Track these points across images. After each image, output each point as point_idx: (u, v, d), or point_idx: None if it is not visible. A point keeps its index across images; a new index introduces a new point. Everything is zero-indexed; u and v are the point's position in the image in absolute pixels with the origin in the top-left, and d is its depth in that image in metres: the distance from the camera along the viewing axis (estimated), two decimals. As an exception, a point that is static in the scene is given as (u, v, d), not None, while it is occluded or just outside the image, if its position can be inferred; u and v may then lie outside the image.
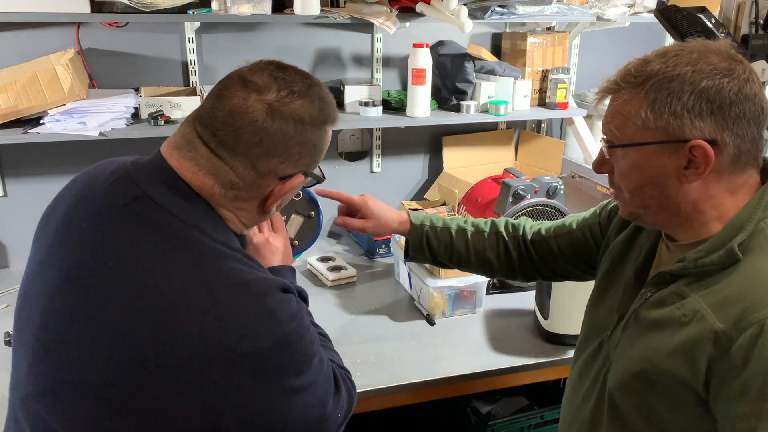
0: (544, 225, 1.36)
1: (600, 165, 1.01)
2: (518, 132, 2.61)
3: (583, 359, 1.14)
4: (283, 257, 1.20)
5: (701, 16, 1.44)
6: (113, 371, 0.83)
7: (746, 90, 0.89)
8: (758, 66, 1.46)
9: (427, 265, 1.83)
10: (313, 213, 1.41)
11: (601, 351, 1.08)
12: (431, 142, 2.50)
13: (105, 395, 0.83)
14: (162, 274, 0.84)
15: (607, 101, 0.98)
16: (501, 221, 1.40)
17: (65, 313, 0.87)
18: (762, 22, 1.45)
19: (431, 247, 1.38)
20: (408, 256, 1.41)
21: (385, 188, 2.47)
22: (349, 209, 1.41)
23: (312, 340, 0.94)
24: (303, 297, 1.12)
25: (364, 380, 1.47)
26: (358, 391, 1.42)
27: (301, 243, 1.39)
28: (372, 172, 2.46)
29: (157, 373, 0.82)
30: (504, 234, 1.37)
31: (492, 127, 2.55)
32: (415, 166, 2.52)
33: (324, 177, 1.04)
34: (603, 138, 0.99)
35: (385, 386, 1.47)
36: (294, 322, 0.89)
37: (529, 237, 1.35)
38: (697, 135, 0.88)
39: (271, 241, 1.20)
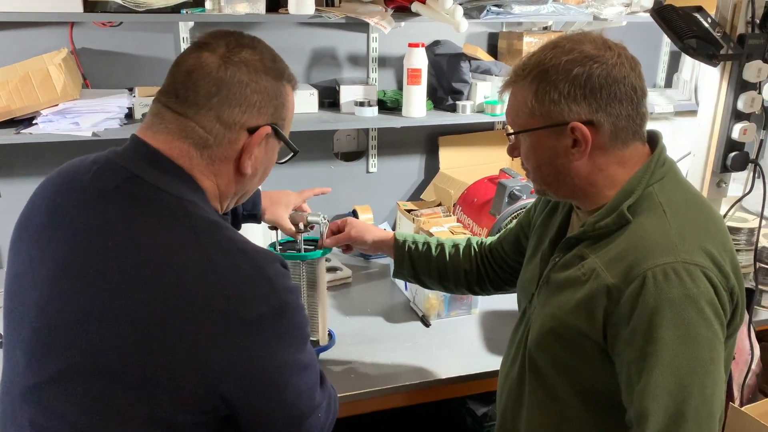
0: (500, 235, 1.45)
1: (511, 150, 1.11)
2: (514, 132, 2.60)
3: (513, 329, 1.23)
4: None
5: (698, 15, 1.44)
6: (122, 348, 0.83)
7: (615, 73, 0.97)
8: (755, 66, 1.46)
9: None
10: None
11: (524, 318, 1.18)
12: (427, 143, 2.49)
13: (113, 372, 0.84)
14: (161, 247, 0.85)
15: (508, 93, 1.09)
16: (474, 238, 1.49)
17: (66, 301, 0.87)
18: (758, 21, 1.45)
19: (412, 259, 1.45)
20: (394, 273, 1.50)
21: (381, 189, 2.47)
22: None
23: (305, 323, 0.96)
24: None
25: (359, 382, 1.47)
26: (353, 392, 1.42)
27: None
28: (368, 172, 2.45)
29: (162, 344, 0.83)
30: (475, 245, 1.46)
31: (488, 127, 2.54)
32: (411, 167, 2.52)
33: (297, 149, 1.05)
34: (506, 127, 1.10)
35: (380, 388, 1.46)
36: (291, 295, 0.91)
37: (488, 245, 1.45)
38: (574, 117, 0.98)
39: None
